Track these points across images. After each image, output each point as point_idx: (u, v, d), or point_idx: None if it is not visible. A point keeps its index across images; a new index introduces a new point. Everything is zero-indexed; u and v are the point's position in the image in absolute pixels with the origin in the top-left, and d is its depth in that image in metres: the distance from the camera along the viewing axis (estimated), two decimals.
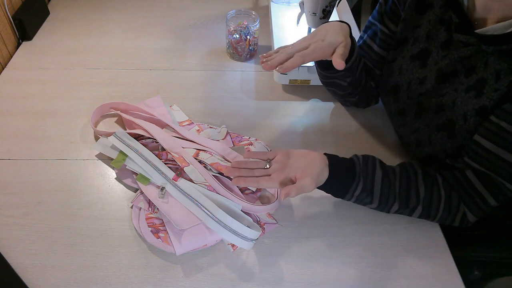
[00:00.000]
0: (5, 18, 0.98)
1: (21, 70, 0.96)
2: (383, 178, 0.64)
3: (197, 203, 0.66)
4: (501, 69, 0.57)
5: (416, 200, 0.64)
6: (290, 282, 0.62)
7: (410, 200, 0.64)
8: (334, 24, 0.69)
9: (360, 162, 0.64)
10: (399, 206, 0.64)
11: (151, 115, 0.82)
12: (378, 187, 0.63)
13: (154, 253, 0.64)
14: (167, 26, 1.12)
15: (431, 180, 0.64)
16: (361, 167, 0.63)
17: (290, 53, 0.66)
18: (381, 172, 0.64)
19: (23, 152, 0.77)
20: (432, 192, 0.64)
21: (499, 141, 0.58)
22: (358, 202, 0.66)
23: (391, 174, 0.64)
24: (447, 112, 0.64)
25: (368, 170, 0.64)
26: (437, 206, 0.64)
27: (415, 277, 0.63)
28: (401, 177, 0.64)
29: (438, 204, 0.64)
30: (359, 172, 0.63)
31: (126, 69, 0.97)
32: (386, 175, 0.64)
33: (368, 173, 0.63)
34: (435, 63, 0.66)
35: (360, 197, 0.64)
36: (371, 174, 0.64)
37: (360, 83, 0.79)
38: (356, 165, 0.64)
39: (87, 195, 0.71)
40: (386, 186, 0.63)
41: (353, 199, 0.65)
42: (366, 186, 0.63)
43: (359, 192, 0.63)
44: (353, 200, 0.65)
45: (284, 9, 1.10)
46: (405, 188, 0.64)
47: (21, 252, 0.63)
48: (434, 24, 0.66)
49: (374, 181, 0.63)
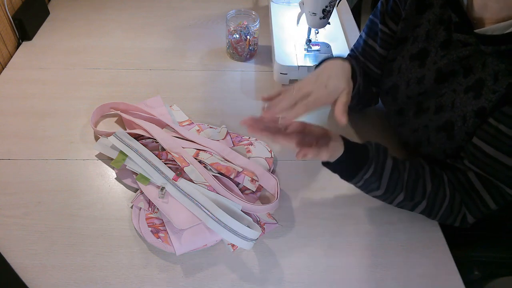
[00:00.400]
0: (5, 18, 0.98)
1: (21, 70, 0.96)
2: (393, 167, 0.63)
3: (197, 203, 0.66)
4: (499, 70, 0.57)
5: (422, 194, 0.64)
6: (290, 282, 0.62)
7: (416, 194, 0.64)
8: (336, 65, 0.66)
9: (373, 148, 0.64)
10: (404, 197, 0.64)
11: (151, 115, 0.82)
12: (387, 175, 0.63)
13: (154, 253, 0.64)
14: (167, 26, 1.12)
15: (438, 178, 0.65)
16: (374, 152, 0.63)
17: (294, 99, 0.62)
18: (391, 161, 0.64)
19: (23, 152, 0.77)
20: (438, 189, 0.64)
21: (498, 145, 0.57)
22: (364, 186, 0.64)
23: (400, 165, 0.64)
24: (447, 113, 0.64)
25: (380, 156, 0.63)
26: (441, 204, 0.64)
27: (415, 277, 0.63)
28: (410, 169, 0.64)
29: (442, 203, 0.64)
30: (372, 156, 0.63)
31: (126, 69, 0.97)
32: (396, 165, 0.64)
33: (379, 159, 0.63)
34: (434, 63, 0.66)
35: (369, 181, 0.63)
36: (382, 160, 0.63)
37: (362, 97, 0.79)
38: (369, 150, 0.63)
39: (87, 195, 0.71)
40: (395, 175, 0.63)
41: (361, 182, 0.63)
42: (376, 170, 0.62)
43: (369, 176, 0.62)
44: (360, 184, 0.64)
45: (284, 9, 1.10)
46: (413, 180, 0.64)
47: (21, 252, 0.63)
48: (433, 24, 0.65)
49: (385, 168, 0.63)
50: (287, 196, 0.73)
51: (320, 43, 0.99)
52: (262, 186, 0.73)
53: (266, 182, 0.73)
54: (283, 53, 0.95)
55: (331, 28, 1.03)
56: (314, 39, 0.96)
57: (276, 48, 0.97)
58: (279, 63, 0.92)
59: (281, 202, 0.71)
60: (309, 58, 0.94)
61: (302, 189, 0.74)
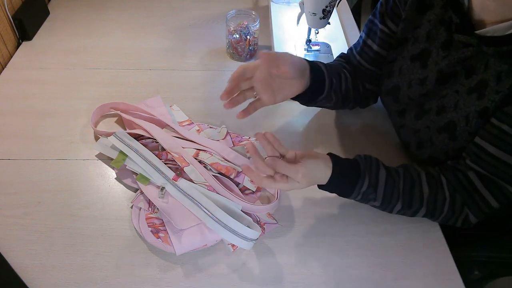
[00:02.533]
0: (5, 18, 0.98)
1: (21, 70, 0.96)
2: (387, 177, 0.63)
3: (197, 203, 0.66)
4: (502, 71, 0.57)
5: (419, 201, 0.63)
6: (290, 282, 0.62)
7: (413, 201, 0.63)
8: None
9: (363, 160, 0.64)
10: (402, 205, 0.64)
11: (151, 115, 0.82)
12: (382, 185, 0.62)
13: (154, 253, 0.64)
14: (167, 26, 1.12)
15: (435, 182, 0.64)
16: (365, 165, 0.63)
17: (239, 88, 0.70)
18: (384, 171, 0.63)
19: (23, 152, 0.77)
20: (437, 193, 0.63)
21: (501, 144, 0.57)
22: (364, 199, 0.64)
23: (394, 174, 0.64)
24: (449, 114, 0.64)
25: (372, 167, 0.63)
26: (442, 207, 0.63)
27: (415, 277, 0.63)
28: (404, 177, 0.64)
29: (442, 206, 0.63)
30: (363, 169, 0.62)
31: (126, 69, 0.97)
32: (390, 174, 0.63)
33: (372, 170, 0.63)
34: (435, 64, 0.66)
35: (366, 193, 0.62)
36: (375, 171, 0.63)
37: (347, 96, 0.79)
38: (360, 163, 0.63)
39: (87, 195, 0.71)
40: (390, 184, 0.63)
41: (359, 196, 0.63)
42: (371, 182, 0.62)
43: (365, 188, 0.62)
44: (359, 198, 0.64)
45: (284, 9, 1.10)
46: (408, 188, 0.63)
47: (21, 252, 0.63)
48: (434, 24, 0.65)
49: (379, 179, 0.62)
50: (287, 196, 0.73)
51: (320, 43, 0.99)
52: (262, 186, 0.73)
53: None
54: None
55: (331, 28, 1.03)
56: (314, 39, 0.97)
57: (276, 48, 0.97)
58: None
59: (281, 202, 0.71)
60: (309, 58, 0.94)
61: (302, 189, 0.74)
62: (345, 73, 0.78)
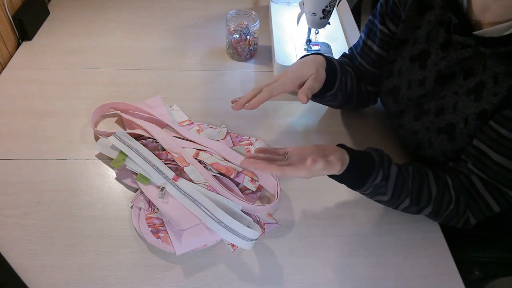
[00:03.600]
0: (5, 18, 0.98)
1: (21, 70, 0.96)
2: (398, 172, 0.62)
3: (197, 203, 0.66)
4: (500, 72, 0.56)
5: (427, 199, 0.63)
6: (290, 282, 0.62)
7: (422, 198, 0.63)
8: (309, 56, 0.70)
9: (376, 153, 0.62)
10: (410, 202, 0.63)
11: (151, 115, 0.82)
12: (393, 180, 0.61)
13: (154, 253, 0.64)
14: (167, 26, 1.12)
15: (442, 182, 0.64)
16: (378, 158, 0.61)
17: (259, 89, 0.67)
18: (396, 166, 0.62)
19: (23, 152, 0.77)
20: (444, 193, 0.63)
21: (501, 150, 0.57)
22: (373, 193, 0.62)
23: (404, 171, 0.63)
24: (448, 116, 0.64)
25: (384, 161, 0.62)
26: (447, 207, 0.63)
27: (415, 277, 0.63)
28: (414, 175, 0.63)
29: (448, 206, 0.63)
30: (377, 161, 0.61)
31: (126, 69, 0.97)
32: (400, 170, 0.62)
33: (384, 163, 0.61)
34: (434, 64, 0.66)
35: (378, 186, 0.61)
36: (387, 165, 0.62)
37: (351, 96, 0.79)
38: (373, 156, 0.61)
39: (87, 195, 0.71)
40: (401, 180, 0.62)
41: (371, 189, 0.61)
42: (384, 175, 0.61)
43: (378, 181, 0.60)
44: (369, 191, 0.62)
45: (284, 9, 1.10)
46: (417, 185, 0.63)
47: (21, 252, 0.63)
48: (434, 25, 0.65)
49: (390, 173, 0.61)
50: (287, 196, 0.73)
51: (320, 43, 0.99)
52: (262, 186, 0.73)
53: (266, 182, 0.73)
54: (283, 53, 0.95)
55: (331, 28, 1.03)
56: (314, 39, 0.96)
57: (276, 48, 0.97)
58: (279, 63, 0.92)
59: (281, 202, 0.71)
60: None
61: (302, 189, 0.74)
62: (351, 72, 0.79)
